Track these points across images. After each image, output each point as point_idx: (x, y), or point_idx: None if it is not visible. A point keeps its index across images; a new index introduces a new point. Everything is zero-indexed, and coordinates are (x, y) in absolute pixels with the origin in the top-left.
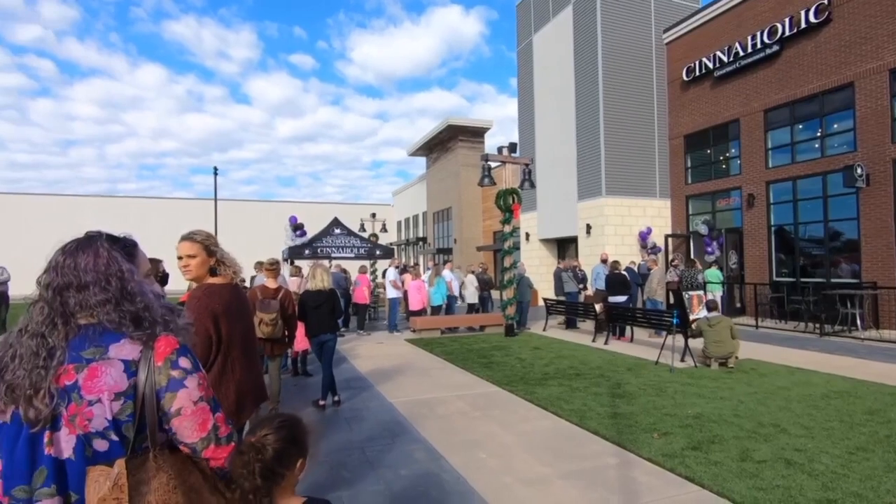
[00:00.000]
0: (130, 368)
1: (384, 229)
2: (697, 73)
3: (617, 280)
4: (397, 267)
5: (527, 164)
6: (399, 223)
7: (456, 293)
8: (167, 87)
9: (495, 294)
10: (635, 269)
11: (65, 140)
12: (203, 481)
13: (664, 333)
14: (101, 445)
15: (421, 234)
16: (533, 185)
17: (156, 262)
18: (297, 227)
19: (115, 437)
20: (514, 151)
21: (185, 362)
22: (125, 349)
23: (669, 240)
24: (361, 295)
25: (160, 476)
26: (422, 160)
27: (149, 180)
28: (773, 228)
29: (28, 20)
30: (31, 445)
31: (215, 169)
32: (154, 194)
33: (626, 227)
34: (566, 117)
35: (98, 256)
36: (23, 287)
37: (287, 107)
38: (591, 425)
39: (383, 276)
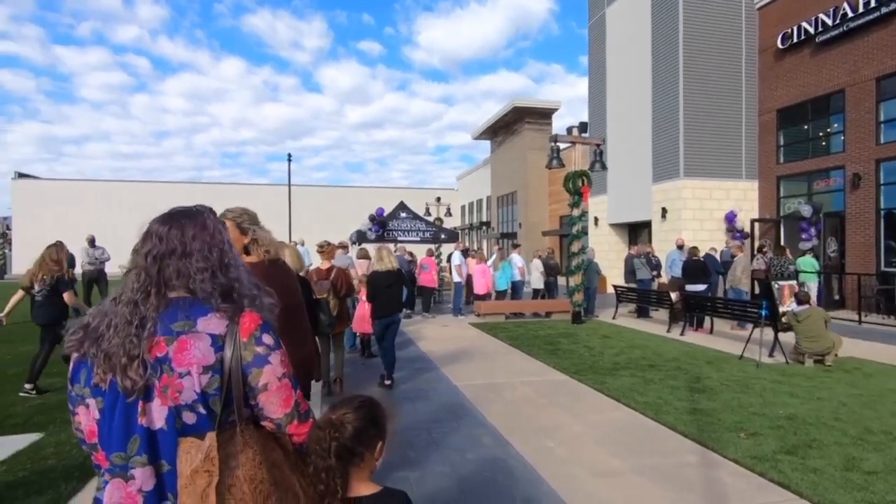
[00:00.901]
0: (217, 343)
1: (448, 213)
2: (795, 40)
3: (695, 267)
4: (464, 251)
5: (598, 145)
6: (463, 207)
7: (526, 278)
8: (246, 78)
9: (560, 280)
10: (716, 255)
11: (159, 132)
12: (284, 458)
13: (748, 325)
14: (189, 418)
15: (485, 219)
16: (605, 167)
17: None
18: (373, 220)
19: (202, 411)
20: (585, 132)
21: (268, 339)
22: (212, 323)
23: (756, 224)
24: (429, 278)
25: (247, 451)
26: (486, 144)
27: (230, 168)
28: (882, 212)
29: (127, 21)
30: (127, 414)
31: (289, 156)
32: (234, 180)
33: (706, 210)
34: (641, 94)
35: (205, 227)
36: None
37: (356, 94)
38: (668, 420)
39: (448, 259)
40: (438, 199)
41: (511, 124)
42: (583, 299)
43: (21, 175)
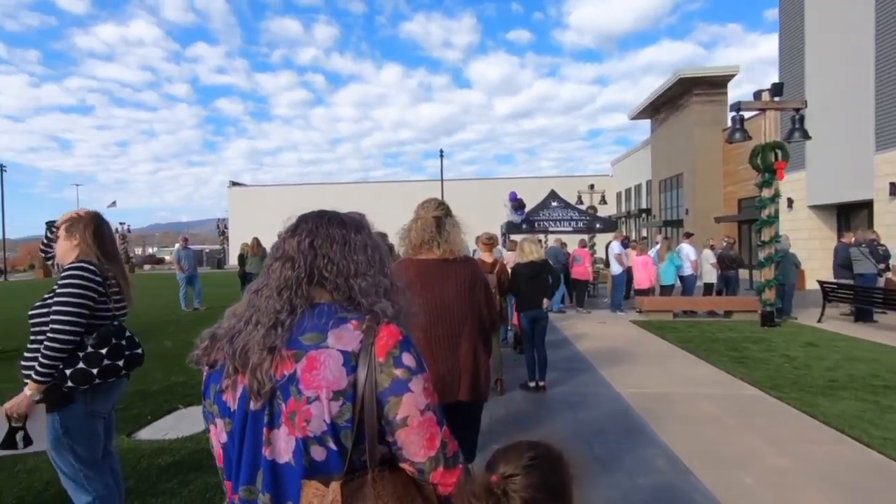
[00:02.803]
0: (350, 362)
1: (603, 201)
2: None
3: None
4: (624, 241)
5: (797, 110)
6: (618, 194)
7: (697, 271)
8: (403, 82)
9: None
10: None
11: (333, 139)
12: None
13: None
14: (318, 454)
15: (644, 206)
16: (807, 136)
17: (383, 235)
18: (518, 206)
19: (333, 446)
20: (779, 94)
21: (408, 359)
22: (345, 337)
23: None
24: (583, 270)
25: None
26: (646, 123)
27: (391, 167)
28: None
29: (307, 44)
30: (255, 441)
31: (441, 151)
32: (394, 178)
33: None
34: (858, 39)
35: (361, 225)
36: None
37: (504, 85)
38: None
39: (605, 250)
40: (591, 187)
41: (675, 98)
42: (776, 297)
43: (234, 183)
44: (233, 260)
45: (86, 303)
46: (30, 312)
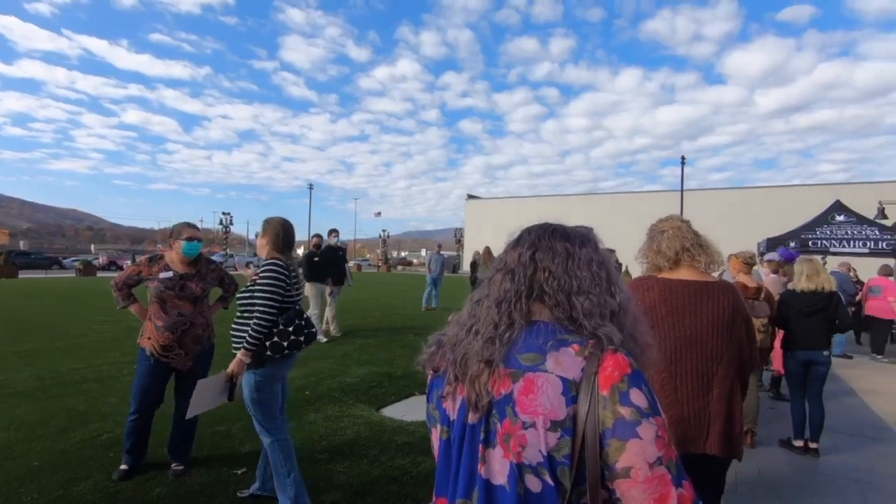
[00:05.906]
0: (570, 391)
1: None
2: None
3: None
4: None
5: None
6: None
7: None
8: (641, 85)
9: None
10: None
11: (563, 151)
12: None
13: None
14: (533, 484)
15: None
16: None
17: (611, 251)
18: (790, 259)
19: (549, 481)
20: None
21: (638, 397)
22: (565, 362)
23: None
24: (883, 306)
25: None
26: None
27: (623, 177)
28: None
29: (541, 59)
30: (472, 455)
31: (682, 158)
32: (626, 189)
33: None
34: None
35: (588, 239)
36: None
37: (770, 75)
38: None
39: None
40: None
41: None
42: None
43: (470, 196)
44: (465, 266)
45: (280, 290)
46: (237, 295)
